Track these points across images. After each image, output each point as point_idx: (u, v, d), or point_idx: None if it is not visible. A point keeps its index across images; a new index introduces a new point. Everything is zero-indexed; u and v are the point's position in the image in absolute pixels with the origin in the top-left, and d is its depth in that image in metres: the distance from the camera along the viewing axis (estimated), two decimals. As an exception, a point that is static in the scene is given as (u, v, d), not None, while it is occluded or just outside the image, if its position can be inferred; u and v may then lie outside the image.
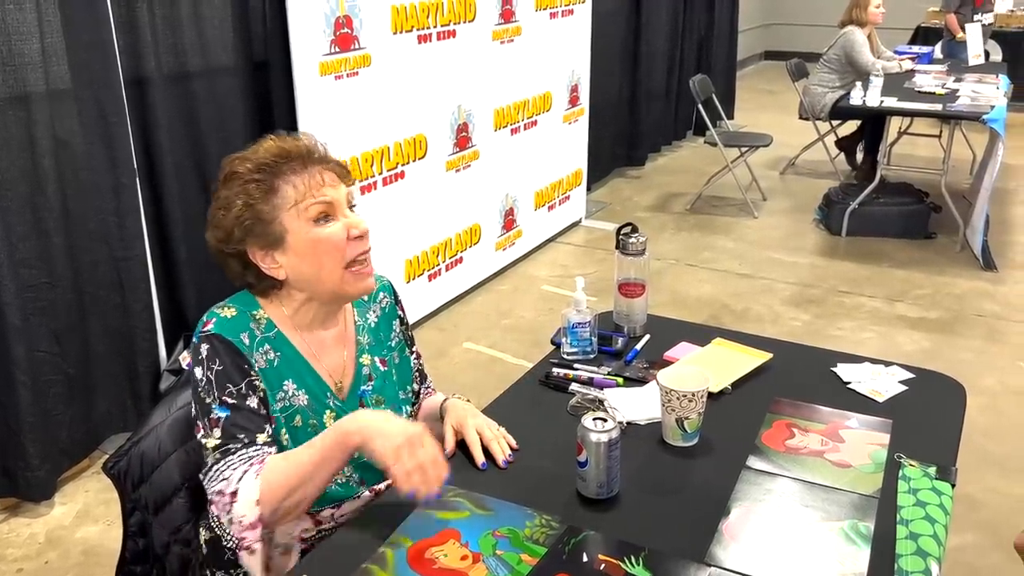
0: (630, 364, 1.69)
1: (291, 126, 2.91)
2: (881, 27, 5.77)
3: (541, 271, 4.40)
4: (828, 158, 5.95)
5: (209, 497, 1.27)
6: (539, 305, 3.99)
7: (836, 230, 4.78)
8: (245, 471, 1.23)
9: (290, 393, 1.34)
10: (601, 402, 1.53)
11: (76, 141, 2.53)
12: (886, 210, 4.73)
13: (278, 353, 1.34)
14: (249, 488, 1.21)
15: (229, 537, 1.25)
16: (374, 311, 1.49)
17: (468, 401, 1.52)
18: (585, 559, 1.16)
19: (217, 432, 1.26)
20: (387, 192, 3.36)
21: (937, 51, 6.67)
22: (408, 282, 3.60)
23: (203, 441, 1.27)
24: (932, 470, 1.33)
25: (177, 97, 2.82)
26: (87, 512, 2.57)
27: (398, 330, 1.52)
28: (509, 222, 4.30)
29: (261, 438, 1.27)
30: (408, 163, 3.45)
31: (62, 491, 2.65)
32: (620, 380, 1.62)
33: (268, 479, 1.22)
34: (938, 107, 4.55)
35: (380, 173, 3.30)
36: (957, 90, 4.93)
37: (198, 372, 1.29)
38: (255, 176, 1.28)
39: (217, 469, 1.25)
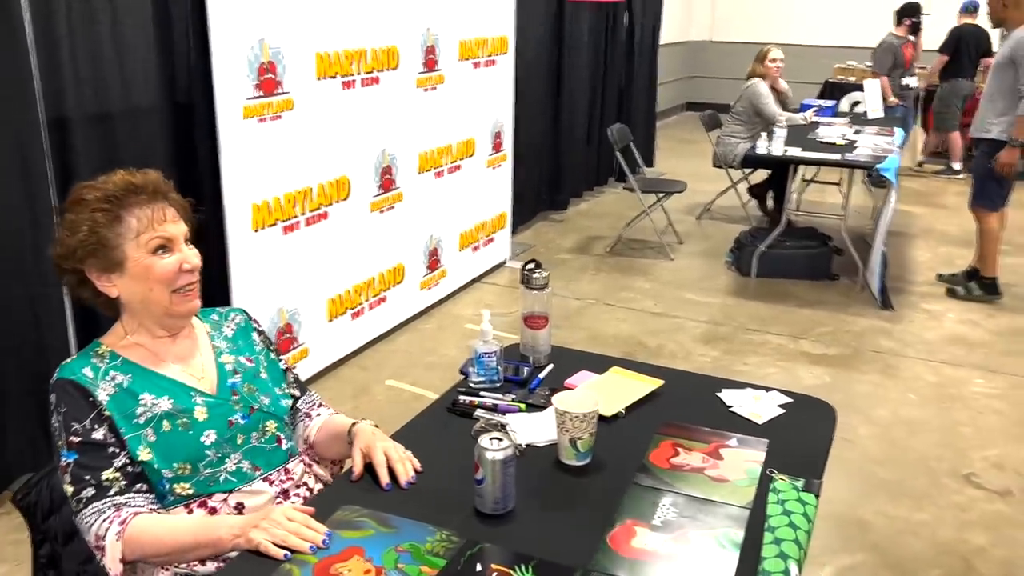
0: (534, 392, 1.79)
1: (214, 166, 2.97)
2: (792, 81, 6.13)
3: (466, 310, 4.50)
4: (740, 204, 6.25)
5: None
6: (463, 343, 4.07)
7: (746, 272, 5.02)
8: (106, 528, 1.31)
9: (149, 404, 1.42)
10: (503, 426, 1.62)
11: (-8, 178, 2.53)
12: (792, 253, 5.00)
13: (127, 375, 1.43)
14: (113, 547, 1.30)
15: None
16: (228, 327, 1.62)
17: (376, 426, 1.59)
18: (479, 568, 1.24)
19: (68, 478, 1.35)
20: (310, 232, 3.43)
21: (842, 104, 7.08)
22: (331, 320, 3.65)
23: (64, 488, 1.36)
24: (800, 483, 1.46)
25: (99, 137, 2.84)
26: (-6, 553, 2.52)
27: (258, 340, 1.64)
28: (434, 262, 4.39)
29: (107, 475, 1.35)
30: (331, 204, 3.53)
31: (-31, 533, 2.60)
32: (523, 406, 1.72)
33: (132, 541, 1.31)
34: (836, 156, 4.86)
35: (303, 213, 3.37)
36: (856, 141, 5.26)
37: (53, 421, 1.38)
38: (103, 206, 1.39)
39: (79, 517, 1.34)
